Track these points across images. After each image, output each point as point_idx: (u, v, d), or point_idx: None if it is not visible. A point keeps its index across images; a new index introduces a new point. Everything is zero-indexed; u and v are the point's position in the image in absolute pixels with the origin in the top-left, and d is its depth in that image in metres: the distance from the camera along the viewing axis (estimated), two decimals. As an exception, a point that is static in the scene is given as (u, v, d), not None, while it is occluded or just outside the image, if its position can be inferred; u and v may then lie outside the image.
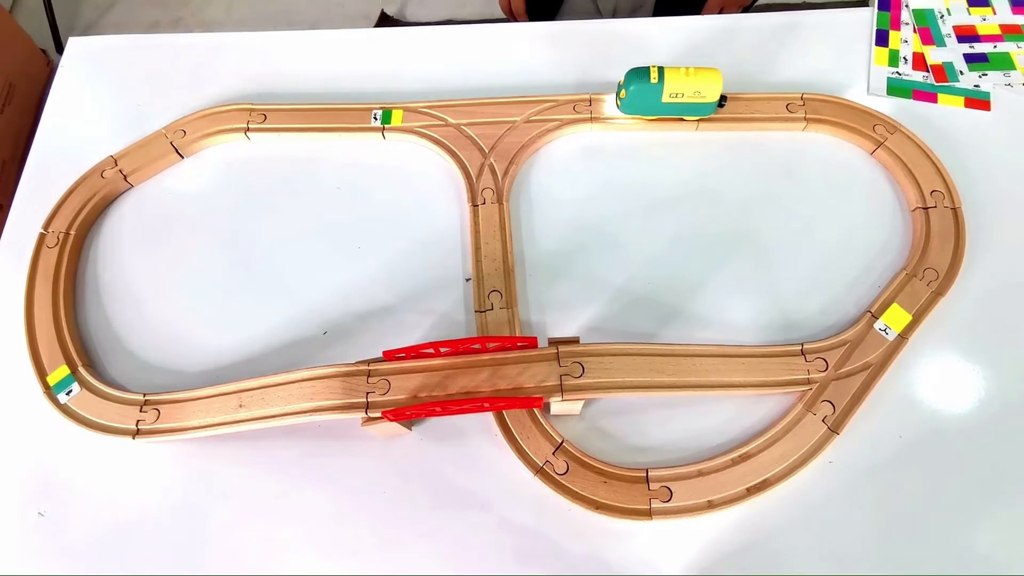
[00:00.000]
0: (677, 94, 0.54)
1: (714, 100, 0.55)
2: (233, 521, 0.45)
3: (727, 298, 0.51)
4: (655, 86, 0.53)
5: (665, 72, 0.53)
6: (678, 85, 0.53)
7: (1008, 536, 0.43)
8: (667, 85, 0.53)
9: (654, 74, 0.53)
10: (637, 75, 0.53)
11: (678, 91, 0.53)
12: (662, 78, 0.52)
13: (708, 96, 0.54)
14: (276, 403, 0.45)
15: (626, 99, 0.55)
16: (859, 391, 0.46)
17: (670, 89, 0.53)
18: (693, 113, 0.56)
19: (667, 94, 0.54)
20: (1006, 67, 0.60)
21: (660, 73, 0.53)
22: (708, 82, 0.53)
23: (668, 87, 0.53)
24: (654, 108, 0.56)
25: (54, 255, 0.54)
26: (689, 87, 0.53)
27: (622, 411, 0.47)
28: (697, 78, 0.53)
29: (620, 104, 0.56)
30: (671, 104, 0.55)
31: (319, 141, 0.59)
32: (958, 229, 0.52)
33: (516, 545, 0.44)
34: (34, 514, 0.46)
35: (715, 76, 0.53)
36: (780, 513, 0.44)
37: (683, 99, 0.54)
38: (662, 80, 0.52)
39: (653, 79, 0.53)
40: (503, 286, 0.50)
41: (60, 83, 0.65)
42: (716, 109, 0.56)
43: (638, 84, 0.53)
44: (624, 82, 0.54)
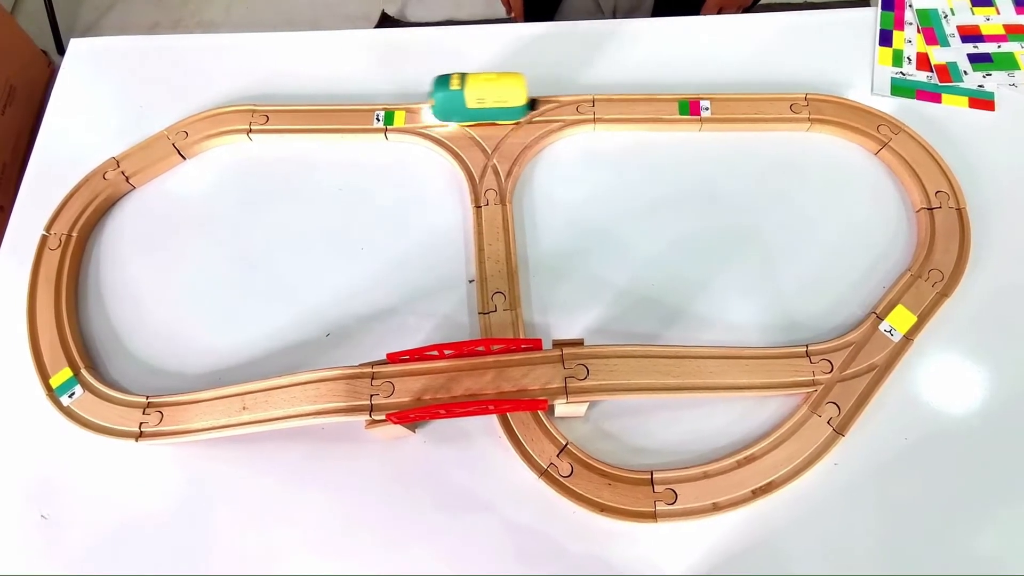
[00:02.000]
0: (482, 99, 0.54)
1: (520, 104, 0.55)
2: (236, 523, 0.45)
3: (731, 299, 0.51)
4: (457, 93, 0.53)
5: (467, 78, 0.53)
6: (481, 91, 0.53)
7: (1013, 537, 0.43)
8: (469, 91, 0.53)
9: (455, 81, 0.53)
10: (440, 82, 0.54)
11: (482, 96, 0.54)
12: (463, 84, 0.53)
13: (512, 101, 0.55)
14: (279, 405, 0.45)
15: (435, 107, 0.56)
16: (864, 393, 0.46)
17: (474, 95, 0.54)
18: (502, 118, 0.57)
19: (472, 100, 0.54)
20: (1010, 67, 0.60)
21: (462, 80, 0.53)
22: (511, 87, 0.54)
23: (471, 93, 0.53)
24: (463, 114, 0.56)
25: (56, 257, 0.54)
26: (492, 93, 0.54)
27: (627, 413, 0.47)
28: (499, 84, 0.54)
29: (433, 111, 0.57)
30: (479, 110, 0.55)
31: (321, 142, 0.59)
32: (963, 230, 0.51)
33: (520, 547, 0.44)
34: (37, 516, 0.46)
35: (516, 81, 0.54)
36: (785, 515, 0.44)
37: (488, 104, 0.55)
38: (463, 86, 0.53)
39: (455, 86, 0.53)
40: (506, 288, 0.50)
41: (61, 84, 0.64)
42: (527, 112, 0.57)
43: (441, 91, 0.54)
44: (431, 90, 0.55)
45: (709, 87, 0.59)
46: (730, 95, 0.57)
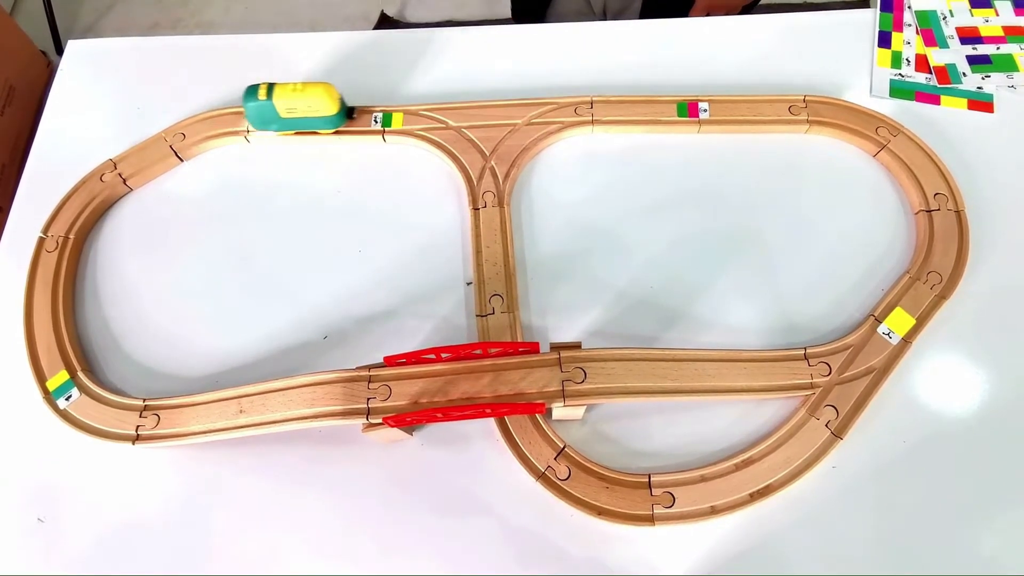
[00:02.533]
0: (292, 109, 0.54)
1: (333, 113, 0.55)
2: (233, 527, 0.45)
3: (729, 301, 0.51)
4: (267, 103, 0.53)
5: (274, 89, 0.53)
6: (290, 101, 0.54)
7: (1012, 540, 0.43)
8: (278, 101, 0.53)
9: (262, 91, 0.53)
10: (249, 93, 0.54)
11: (292, 106, 0.54)
12: (271, 95, 0.53)
13: (323, 111, 0.55)
14: (277, 409, 0.44)
15: (248, 116, 0.56)
16: (862, 395, 0.46)
17: (283, 105, 0.54)
18: (319, 127, 0.57)
19: (283, 109, 0.54)
20: (1009, 69, 0.60)
21: (269, 90, 0.53)
22: (318, 97, 0.54)
23: (281, 103, 0.53)
24: (279, 123, 0.56)
25: (53, 259, 0.54)
26: (301, 102, 0.54)
27: (624, 416, 0.47)
28: (306, 93, 0.53)
29: (248, 119, 0.56)
30: (294, 119, 0.55)
31: (319, 144, 0.59)
32: (962, 232, 0.51)
33: (518, 551, 0.44)
34: (33, 520, 0.46)
35: (323, 90, 0.53)
36: (783, 518, 0.44)
37: (300, 113, 0.55)
38: (271, 97, 0.53)
39: (262, 96, 0.53)
40: (504, 290, 0.50)
41: (60, 85, 0.64)
42: (344, 121, 0.57)
43: (250, 101, 0.54)
44: (243, 100, 0.55)
45: (707, 89, 0.59)
46: (728, 97, 0.57)
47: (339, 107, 0.56)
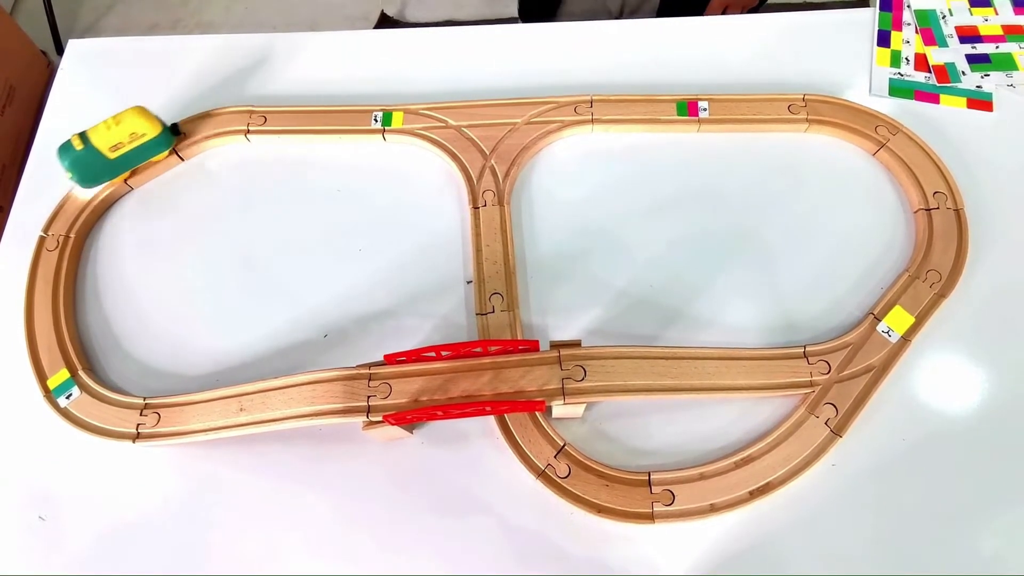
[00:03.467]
0: (118, 145, 0.52)
1: (158, 134, 0.54)
2: (233, 525, 0.45)
3: (729, 300, 0.51)
4: (88, 150, 0.51)
5: (88, 134, 0.51)
6: (110, 138, 0.51)
7: (1012, 538, 0.43)
8: (99, 143, 0.51)
9: (77, 142, 0.51)
10: (64, 151, 0.51)
11: (116, 142, 0.52)
12: (87, 141, 0.51)
13: (149, 133, 0.53)
14: (277, 407, 0.45)
15: (75, 177, 0.53)
16: (862, 394, 0.46)
17: (106, 145, 0.51)
18: (151, 153, 0.55)
19: (107, 150, 0.51)
20: (1008, 68, 0.60)
21: (83, 138, 0.51)
22: (137, 122, 0.52)
23: (102, 143, 0.51)
24: (110, 168, 0.53)
25: (54, 258, 0.54)
26: (123, 134, 0.52)
27: (624, 414, 0.47)
28: (124, 123, 0.51)
29: (75, 182, 0.53)
30: (123, 156, 0.53)
31: (319, 143, 0.59)
32: (961, 230, 0.51)
33: (518, 549, 0.44)
34: (34, 518, 0.46)
35: (137, 114, 0.52)
36: (783, 516, 0.44)
37: (128, 147, 0.53)
38: (88, 143, 0.51)
39: (78, 146, 0.51)
40: (504, 289, 0.50)
41: (60, 85, 0.64)
42: (175, 138, 0.56)
43: (69, 157, 0.51)
44: (60, 160, 0.52)
45: (707, 88, 0.59)
46: (728, 96, 0.57)
47: (161, 127, 0.54)
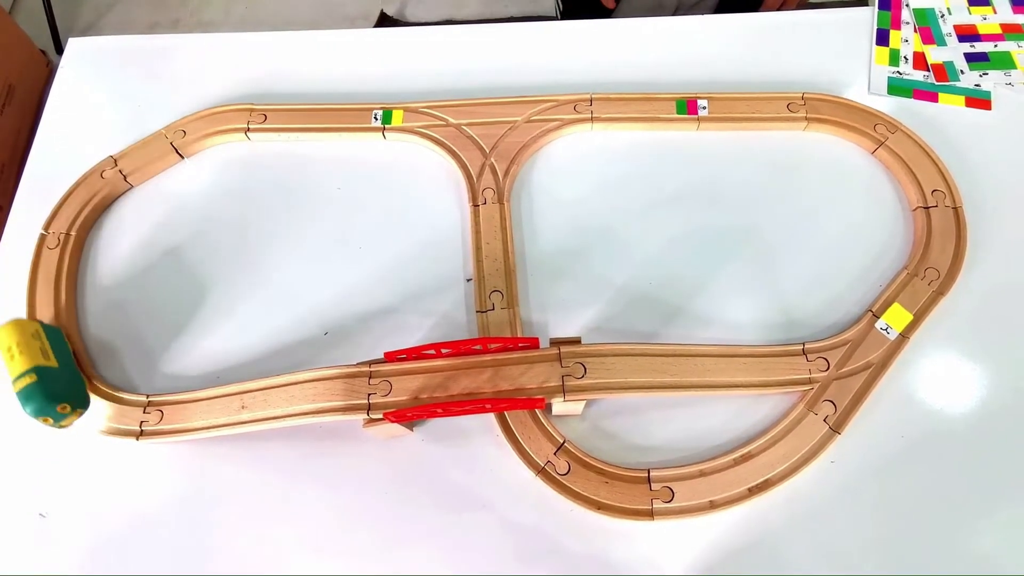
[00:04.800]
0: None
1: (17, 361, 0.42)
2: (235, 522, 0.45)
3: (728, 298, 0.51)
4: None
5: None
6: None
7: (1010, 536, 0.43)
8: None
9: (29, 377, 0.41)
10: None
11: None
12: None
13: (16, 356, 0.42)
14: (278, 404, 0.45)
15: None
16: (860, 391, 0.46)
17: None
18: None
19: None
20: (1007, 66, 0.60)
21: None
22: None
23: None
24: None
25: (55, 256, 0.54)
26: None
27: (624, 411, 0.47)
28: None
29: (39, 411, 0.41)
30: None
31: (319, 141, 0.59)
32: (959, 228, 0.51)
33: (518, 545, 0.44)
34: (36, 515, 0.46)
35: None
36: (782, 513, 0.44)
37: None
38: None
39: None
40: (504, 286, 0.50)
41: (60, 84, 0.65)
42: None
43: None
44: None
45: (706, 86, 0.59)
46: (727, 94, 0.58)
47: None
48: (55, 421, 0.42)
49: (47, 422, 0.42)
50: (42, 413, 0.41)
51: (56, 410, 0.41)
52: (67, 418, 0.42)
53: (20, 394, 0.41)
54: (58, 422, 0.42)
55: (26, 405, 0.41)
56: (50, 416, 0.41)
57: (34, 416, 0.41)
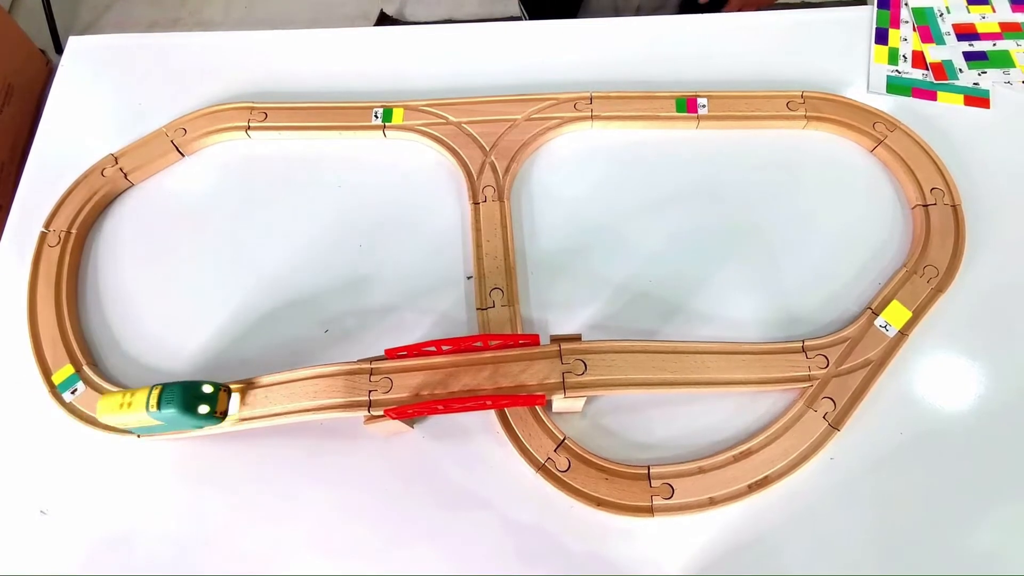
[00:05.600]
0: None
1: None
2: (236, 519, 0.46)
3: (728, 295, 0.51)
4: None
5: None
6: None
7: (1009, 533, 0.43)
8: None
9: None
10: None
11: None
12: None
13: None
14: (279, 402, 0.45)
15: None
16: (860, 388, 0.46)
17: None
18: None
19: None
20: (1005, 65, 0.60)
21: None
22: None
23: None
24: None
25: (56, 254, 0.54)
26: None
27: (624, 408, 0.47)
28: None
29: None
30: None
31: (320, 139, 0.59)
32: (958, 226, 0.52)
33: (518, 542, 0.44)
34: (37, 512, 0.46)
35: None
36: (781, 510, 0.44)
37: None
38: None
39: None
40: (504, 284, 0.50)
41: (60, 83, 0.65)
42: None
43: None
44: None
45: (706, 84, 0.59)
46: (727, 93, 0.58)
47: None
48: (211, 408, 0.43)
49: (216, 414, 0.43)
50: (190, 411, 0.42)
51: (200, 412, 0.42)
52: (217, 403, 0.43)
53: (165, 400, 0.41)
54: (215, 411, 0.43)
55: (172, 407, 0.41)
56: (207, 404, 0.43)
57: (190, 413, 0.42)
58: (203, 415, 0.43)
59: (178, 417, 0.41)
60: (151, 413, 0.41)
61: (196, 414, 0.42)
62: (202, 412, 0.43)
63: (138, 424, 0.43)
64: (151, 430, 0.45)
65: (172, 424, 0.43)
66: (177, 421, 0.42)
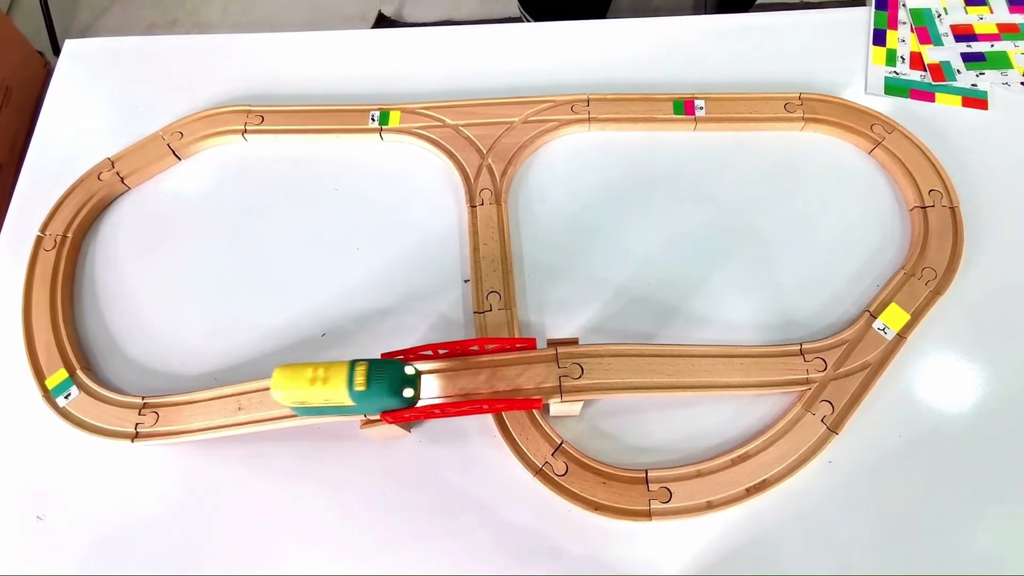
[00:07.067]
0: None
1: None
2: (232, 524, 0.45)
3: (726, 298, 0.51)
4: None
5: None
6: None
7: (1008, 535, 0.43)
8: None
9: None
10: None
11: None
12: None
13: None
14: (275, 406, 0.45)
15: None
16: (858, 391, 0.46)
17: None
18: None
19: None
20: (1003, 66, 0.60)
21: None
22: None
23: None
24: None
25: (51, 258, 0.54)
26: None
27: (621, 412, 0.47)
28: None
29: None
30: None
31: (317, 142, 0.59)
32: (956, 228, 0.52)
33: (515, 546, 0.44)
34: (32, 518, 0.46)
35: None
36: (779, 513, 0.44)
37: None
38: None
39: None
40: (501, 287, 0.50)
41: (57, 85, 0.64)
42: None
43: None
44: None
45: (704, 86, 0.59)
46: (724, 94, 0.58)
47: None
48: (414, 392, 0.40)
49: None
50: (397, 393, 0.38)
51: (405, 396, 0.39)
52: (417, 387, 0.40)
53: (376, 379, 0.36)
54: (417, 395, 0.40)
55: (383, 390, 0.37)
56: (411, 387, 0.39)
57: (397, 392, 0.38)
58: (407, 398, 0.38)
59: (376, 398, 0.36)
60: (355, 392, 0.36)
61: (400, 396, 0.38)
62: (407, 395, 0.38)
63: (319, 402, 0.37)
64: (319, 412, 0.39)
65: (358, 407, 0.37)
66: (369, 403, 0.37)
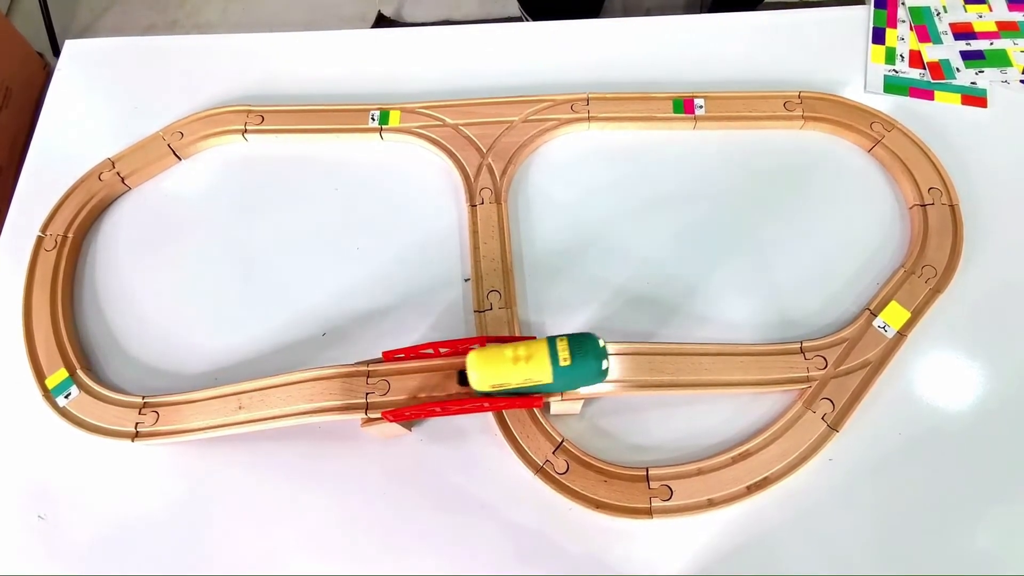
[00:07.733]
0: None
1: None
2: (232, 523, 0.45)
3: (726, 296, 0.51)
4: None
5: None
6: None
7: (1008, 533, 0.43)
8: None
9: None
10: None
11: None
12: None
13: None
14: (275, 405, 0.45)
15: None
16: (858, 388, 0.46)
17: None
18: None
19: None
20: (1002, 64, 0.60)
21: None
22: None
23: None
24: None
25: (52, 258, 0.54)
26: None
27: (622, 410, 0.47)
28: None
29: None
30: None
31: (317, 142, 0.59)
32: (956, 226, 0.52)
33: (516, 545, 0.44)
34: (34, 517, 0.46)
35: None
36: (780, 511, 0.44)
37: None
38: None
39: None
40: (502, 286, 0.50)
41: (57, 86, 0.64)
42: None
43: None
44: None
45: (703, 85, 0.59)
46: (724, 93, 0.58)
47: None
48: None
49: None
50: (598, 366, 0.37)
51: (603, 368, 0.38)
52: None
53: (580, 353, 0.37)
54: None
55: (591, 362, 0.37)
56: (606, 360, 0.38)
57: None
58: (604, 371, 0.37)
59: (580, 372, 0.36)
60: (560, 367, 0.36)
61: (601, 369, 0.37)
62: (604, 368, 0.37)
63: (518, 381, 0.37)
64: (505, 393, 0.39)
65: (557, 383, 0.37)
66: (570, 379, 0.37)
